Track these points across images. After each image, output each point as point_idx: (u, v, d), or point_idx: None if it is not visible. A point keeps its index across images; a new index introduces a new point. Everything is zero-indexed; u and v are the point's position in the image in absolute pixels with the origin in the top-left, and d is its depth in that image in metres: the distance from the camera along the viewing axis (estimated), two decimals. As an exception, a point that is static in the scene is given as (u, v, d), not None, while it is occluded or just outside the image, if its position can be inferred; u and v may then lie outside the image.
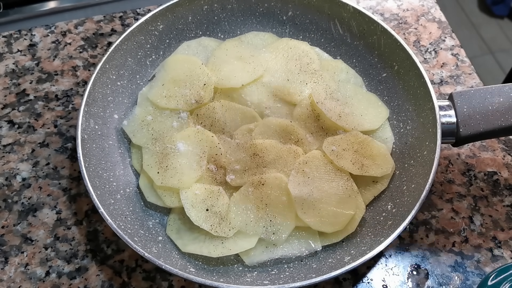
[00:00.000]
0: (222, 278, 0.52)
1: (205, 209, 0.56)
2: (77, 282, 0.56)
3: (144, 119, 0.63)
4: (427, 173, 0.53)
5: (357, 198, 0.57)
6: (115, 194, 0.57)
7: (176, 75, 0.64)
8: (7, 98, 0.69)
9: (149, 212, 0.58)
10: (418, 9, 0.80)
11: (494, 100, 0.55)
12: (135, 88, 0.66)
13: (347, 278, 0.57)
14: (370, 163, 0.59)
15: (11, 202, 0.61)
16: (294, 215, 0.55)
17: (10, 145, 0.65)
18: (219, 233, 0.55)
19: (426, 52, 0.75)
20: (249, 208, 0.56)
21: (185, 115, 0.63)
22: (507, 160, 0.65)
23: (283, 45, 0.68)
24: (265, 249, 0.55)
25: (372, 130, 0.63)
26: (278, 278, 0.52)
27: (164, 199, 0.57)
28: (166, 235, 0.56)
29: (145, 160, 0.60)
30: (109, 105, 0.62)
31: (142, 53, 0.66)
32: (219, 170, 0.59)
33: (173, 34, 0.68)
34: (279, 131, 0.61)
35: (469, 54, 0.77)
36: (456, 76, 0.73)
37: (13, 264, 0.57)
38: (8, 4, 0.98)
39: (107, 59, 0.61)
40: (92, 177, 0.54)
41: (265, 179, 0.57)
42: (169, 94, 0.63)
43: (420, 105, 0.60)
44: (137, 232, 0.54)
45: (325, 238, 0.56)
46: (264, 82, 0.65)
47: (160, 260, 0.49)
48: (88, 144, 0.57)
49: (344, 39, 0.69)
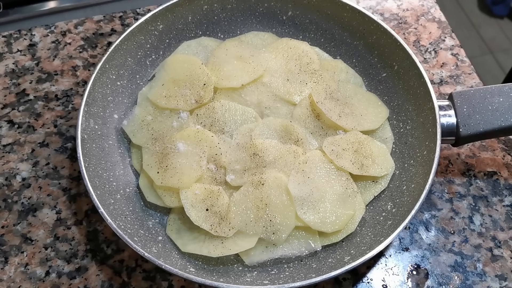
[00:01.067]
0: (222, 278, 0.52)
1: (205, 209, 0.56)
2: (77, 282, 0.56)
3: (144, 119, 0.63)
4: (427, 173, 0.53)
5: (357, 198, 0.57)
6: (115, 194, 0.57)
7: (176, 75, 0.64)
8: (7, 98, 0.69)
9: (149, 212, 0.58)
10: (418, 9, 0.80)
11: (494, 100, 0.55)
12: (135, 88, 0.66)
13: (347, 278, 0.57)
14: (370, 163, 0.59)
15: (11, 202, 0.61)
16: (294, 215, 0.55)
17: (10, 145, 0.65)
18: (219, 233, 0.54)
19: (426, 52, 0.75)
20: (249, 208, 0.56)
21: (185, 115, 0.63)
22: (507, 160, 0.65)
23: (283, 45, 0.68)
24: (265, 249, 0.55)
25: (372, 130, 0.63)
26: (278, 278, 0.52)
27: (164, 199, 0.57)
28: (166, 235, 0.56)
29: (145, 160, 0.60)
30: (109, 105, 0.62)
31: (142, 53, 0.66)
32: (219, 170, 0.59)
33: (173, 34, 0.68)
34: (279, 131, 0.61)
35: (469, 54, 0.77)
36: (456, 76, 0.73)
37: (13, 264, 0.57)
38: (8, 4, 0.98)
39: (107, 59, 0.61)
40: (92, 177, 0.54)
41: (265, 179, 0.57)
42: (169, 94, 0.63)
43: (420, 105, 0.60)
44: (137, 232, 0.54)
45: (325, 238, 0.56)
46: (264, 82, 0.65)
47: (160, 260, 0.49)
48: (88, 144, 0.57)
49: (344, 39, 0.69)
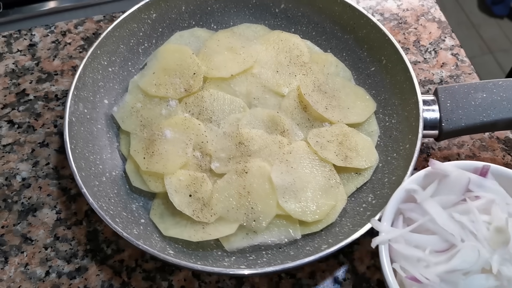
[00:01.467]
0: (200, 261, 0.53)
1: (188, 194, 0.57)
2: (77, 282, 0.56)
3: (134, 106, 0.64)
4: (407, 166, 0.54)
5: (339, 189, 0.58)
6: (101, 177, 0.58)
7: (167, 64, 0.65)
8: (7, 98, 0.70)
9: (133, 196, 0.59)
10: (418, 9, 0.80)
11: (478, 95, 0.56)
12: (127, 75, 0.67)
13: (347, 278, 0.56)
14: (354, 155, 0.60)
15: (11, 202, 0.61)
16: (276, 204, 0.56)
17: (10, 145, 0.65)
18: (201, 218, 0.55)
19: (426, 52, 0.76)
20: (231, 195, 0.57)
21: (174, 103, 0.63)
22: (507, 160, 0.65)
23: (274, 37, 0.68)
24: (245, 236, 0.56)
25: (358, 123, 0.63)
26: (255, 263, 0.53)
27: (149, 184, 0.58)
28: (148, 218, 0.57)
29: (132, 146, 0.61)
30: (99, 90, 0.63)
31: (135, 40, 0.67)
32: (204, 157, 0.60)
33: (166, 23, 0.69)
34: (265, 121, 0.62)
35: (469, 54, 0.77)
36: (456, 76, 0.73)
37: (13, 264, 0.57)
38: (8, 4, 0.98)
39: (98, 45, 0.62)
40: (77, 158, 0.55)
41: (249, 168, 0.58)
42: (159, 82, 0.64)
43: (405, 99, 0.60)
44: (120, 214, 0.55)
45: (305, 227, 0.57)
46: (253, 73, 0.65)
47: (140, 241, 0.50)
48: (76, 127, 0.58)
49: (335, 32, 0.69)
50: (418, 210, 0.48)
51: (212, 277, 0.56)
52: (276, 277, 0.56)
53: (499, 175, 0.49)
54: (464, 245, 0.44)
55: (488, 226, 0.45)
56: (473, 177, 0.48)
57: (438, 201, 0.47)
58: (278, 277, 0.56)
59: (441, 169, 0.48)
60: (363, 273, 0.56)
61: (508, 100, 0.55)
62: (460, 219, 0.46)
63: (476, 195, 0.48)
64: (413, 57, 0.75)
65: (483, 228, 0.45)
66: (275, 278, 0.56)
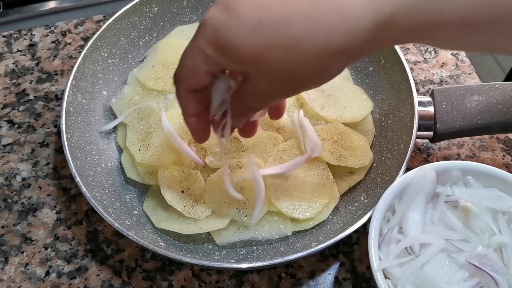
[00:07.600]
0: (190, 254, 0.53)
1: (180, 190, 0.57)
2: (77, 282, 0.56)
3: (132, 98, 0.64)
4: (399, 166, 0.54)
5: (332, 188, 0.58)
6: (96, 167, 0.58)
7: (166, 58, 0.66)
8: (7, 98, 0.70)
9: (128, 187, 0.60)
10: (418, 8, 0.80)
11: (473, 98, 0.55)
12: (126, 68, 0.67)
13: (347, 278, 0.56)
14: (349, 154, 0.60)
15: (11, 202, 0.61)
16: (268, 200, 0.56)
17: (10, 145, 0.66)
18: (191, 215, 0.56)
19: (426, 52, 0.75)
20: (224, 189, 0.57)
21: (172, 96, 0.64)
22: (507, 160, 0.65)
23: (274, 34, 0.68)
24: (236, 231, 0.56)
25: (354, 122, 0.63)
26: (245, 258, 0.53)
27: (143, 176, 0.59)
28: (142, 210, 0.58)
29: (129, 137, 0.61)
30: (98, 82, 0.64)
31: (136, 33, 0.68)
32: (199, 151, 0.60)
33: (168, 17, 0.70)
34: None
35: (469, 54, 0.77)
36: (456, 76, 0.72)
37: (13, 264, 0.57)
38: (8, 4, 0.98)
39: (99, 37, 0.63)
40: (73, 148, 0.56)
41: (242, 163, 0.58)
42: (157, 75, 0.65)
43: (402, 99, 0.60)
44: (113, 204, 0.55)
45: (297, 224, 0.57)
46: (252, 69, 0.65)
47: (131, 232, 0.51)
48: (73, 117, 0.59)
49: (335, 31, 0.69)
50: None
51: (212, 277, 0.56)
52: (276, 277, 0.56)
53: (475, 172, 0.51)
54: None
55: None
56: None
57: (414, 206, 0.49)
58: (278, 277, 0.56)
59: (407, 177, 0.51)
60: (363, 273, 0.56)
61: (504, 103, 0.55)
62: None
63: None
64: (413, 57, 0.74)
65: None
66: (275, 278, 0.56)
